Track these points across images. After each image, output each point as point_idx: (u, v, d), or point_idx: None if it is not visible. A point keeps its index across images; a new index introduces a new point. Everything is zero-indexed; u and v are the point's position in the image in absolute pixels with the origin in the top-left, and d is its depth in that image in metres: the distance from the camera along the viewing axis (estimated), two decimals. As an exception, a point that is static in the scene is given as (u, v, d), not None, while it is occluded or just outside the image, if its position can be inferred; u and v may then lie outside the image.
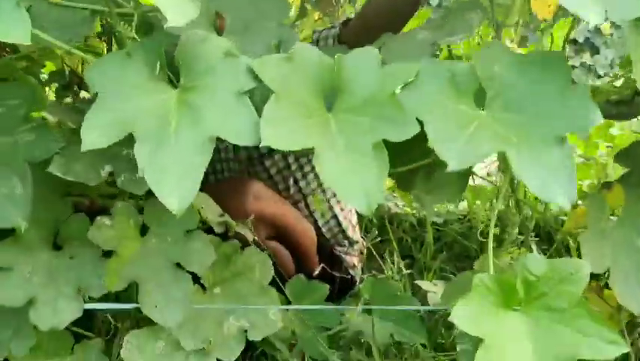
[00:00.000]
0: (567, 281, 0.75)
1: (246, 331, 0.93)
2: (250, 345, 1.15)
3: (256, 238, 1.04)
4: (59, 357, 0.92)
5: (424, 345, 1.21)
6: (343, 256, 1.61)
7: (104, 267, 0.84)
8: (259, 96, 0.72)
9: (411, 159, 0.82)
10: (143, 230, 0.88)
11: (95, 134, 0.59)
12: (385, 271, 1.42)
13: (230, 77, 0.64)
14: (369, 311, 1.24)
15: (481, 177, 2.05)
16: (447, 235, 2.16)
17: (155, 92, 0.64)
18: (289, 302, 1.18)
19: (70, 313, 0.82)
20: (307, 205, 1.54)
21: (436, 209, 2.34)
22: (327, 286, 1.22)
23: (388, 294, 1.25)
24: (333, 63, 0.69)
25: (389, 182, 2.59)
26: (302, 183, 1.50)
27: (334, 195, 1.58)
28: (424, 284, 1.33)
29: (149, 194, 0.75)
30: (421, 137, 0.83)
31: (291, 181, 1.49)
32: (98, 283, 0.84)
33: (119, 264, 0.83)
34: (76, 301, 0.83)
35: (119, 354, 0.94)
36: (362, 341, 1.22)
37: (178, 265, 0.86)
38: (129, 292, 0.88)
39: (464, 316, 0.71)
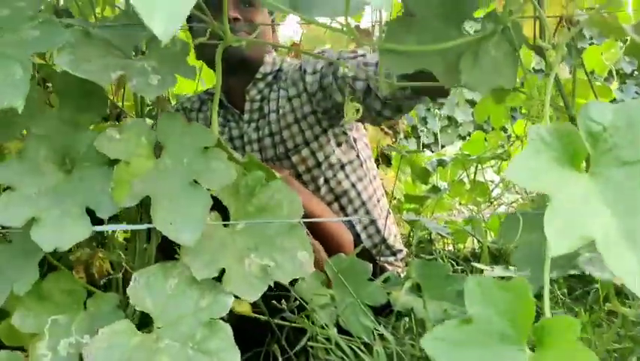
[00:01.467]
0: (641, 125, 0.62)
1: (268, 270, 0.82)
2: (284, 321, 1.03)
3: None
4: (71, 311, 0.82)
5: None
6: (387, 266, 1.47)
7: (115, 185, 0.77)
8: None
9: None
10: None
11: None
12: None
13: None
14: (417, 293, 1.10)
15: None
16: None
17: None
18: (329, 282, 1.06)
19: (76, 234, 0.74)
20: (342, 207, 1.44)
21: (491, 239, 2.19)
22: (371, 265, 1.09)
23: (439, 274, 1.11)
24: None
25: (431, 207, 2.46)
26: (332, 183, 1.41)
27: (370, 198, 1.47)
28: (480, 266, 1.19)
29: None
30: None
31: (322, 181, 1.40)
32: (107, 202, 0.76)
33: (130, 175, 0.75)
34: (84, 221, 0.75)
35: (134, 312, 0.84)
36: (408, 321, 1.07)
37: (195, 182, 0.78)
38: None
39: (521, 170, 0.59)
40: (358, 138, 1.48)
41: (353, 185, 1.44)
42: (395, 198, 2.22)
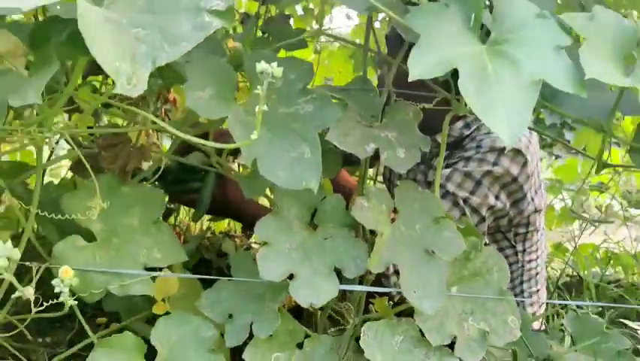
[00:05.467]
0: None
1: (487, 335, 0.87)
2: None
3: None
4: (289, 349, 0.89)
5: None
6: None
7: (357, 249, 0.83)
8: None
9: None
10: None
11: (420, 68, 0.60)
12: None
13: (547, 33, 0.66)
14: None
15: None
16: (603, 296, 2.06)
17: (468, 42, 0.66)
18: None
19: (328, 293, 0.80)
20: None
21: (593, 270, 2.23)
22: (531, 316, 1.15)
23: (594, 330, 1.16)
24: (634, 27, 0.69)
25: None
26: None
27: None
28: (629, 323, 1.23)
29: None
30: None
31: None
32: (353, 265, 0.82)
33: (381, 244, 0.81)
34: (333, 281, 0.81)
35: (345, 354, 0.91)
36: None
37: (431, 252, 0.83)
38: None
39: None
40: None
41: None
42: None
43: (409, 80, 0.60)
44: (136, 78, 0.58)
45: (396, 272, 1.06)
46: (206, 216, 1.98)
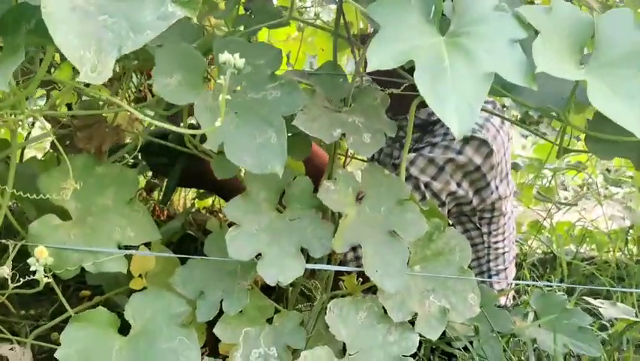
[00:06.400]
0: None
1: (447, 312, 0.92)
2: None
3: None
4: (259, 325, 0.93)
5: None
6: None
7: (323, 230, 0.87)
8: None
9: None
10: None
11: (380, 58, 0.63)
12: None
13: (504, 27, 0.68)
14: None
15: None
16: (576, 273, 2.11)
17: (428, 33, 0.68)
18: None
19: (294, 271, 0.84)
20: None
21: (568, 247, 2.28)
22: (496, 293, 1.19)
23: (558, 306, 1.21)
24: (590, 18, 0.71)
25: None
26: None
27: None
28: (592, 301, 1.28)
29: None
30: None
31: None
32: (319, 245, 0.86)
33: (344, 225, 0.84)
34: (299, 260, 0.85)
35: (314, 328, 0.95)
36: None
37: (394, 233, 0.87)
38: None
39: None
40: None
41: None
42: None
43: (367, 70, 0.62)
44: (101, 66, 0.60)
45: (353, 249, 1.10)
46: (191, 194, 2.01)
